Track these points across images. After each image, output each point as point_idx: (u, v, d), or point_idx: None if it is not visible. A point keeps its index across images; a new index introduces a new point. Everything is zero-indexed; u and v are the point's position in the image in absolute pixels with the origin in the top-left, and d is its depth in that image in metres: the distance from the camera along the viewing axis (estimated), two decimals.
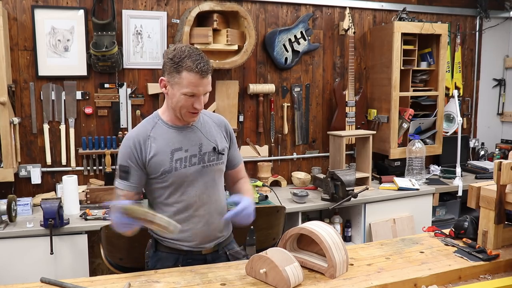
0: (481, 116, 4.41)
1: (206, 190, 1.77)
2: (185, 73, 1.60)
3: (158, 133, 1.73)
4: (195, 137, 1.76)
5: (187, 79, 1.60)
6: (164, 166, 1.70)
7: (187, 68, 1.59)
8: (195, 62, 1.60)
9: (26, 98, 2.98)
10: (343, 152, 3.35)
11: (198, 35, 3.02)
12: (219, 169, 1.82)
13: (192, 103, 1.65)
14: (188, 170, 1.72)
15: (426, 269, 1.60)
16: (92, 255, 2.81)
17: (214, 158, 1.78)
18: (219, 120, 1.89)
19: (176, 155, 1.71)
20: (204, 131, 1.79)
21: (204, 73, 1.61)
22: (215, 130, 1.84)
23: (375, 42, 3.75)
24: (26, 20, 2.92)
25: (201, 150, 1.76)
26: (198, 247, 1.80)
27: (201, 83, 1.62)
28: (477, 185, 1.84)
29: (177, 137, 1.73)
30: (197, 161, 1.74)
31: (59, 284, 1.49)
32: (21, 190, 3.00)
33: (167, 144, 1.71)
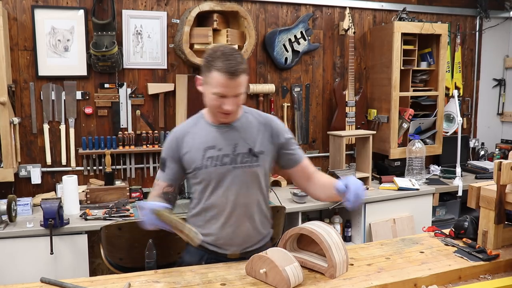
0: (481, 116, 4.41)
1: (235, 192, 1.71)
2: (215, 73, 1.59)
3: (197, 130, 1.75)
4: (231, 137, 1.72)
5: (216, 80, 1.59)
6: (195, 162, 1.71)
7: (216, 68, 1.58)
8: (225, 62, 1.57)
9: (26, 98, 2.98)
10: (343, 152, 3.35)
11: (198, 35, 3.02)
12: (253, 171, 1.72)
13: (221, 103, 1.62)
14: (218, 169, 1.69)
15: (426, 269, 1.60)
16: (92, 255, 2.81)
17: (248, 159, 1.71)
18: (265, 120, 1.80)
19: (209, 153, 1.70)
20: (242, 132, 1.73)
21: (233, 75, 1.57)
22: (258, 131, 1.75)
23: (375, 42, 3.75)
24: (26, 20, 2.92)
25: (235, 151, 1.71)
26: (223, 250, 1.76)
27: (230, 84, 1.59)
28: (477, 185, 1.84)
29: (213, 136, 1.73)
30: (229, 161, 1.70)
31: (59, 284, 1.49)
32: (21, 190, 3.00)
33: (202, 142, 1.72)
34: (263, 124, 1.78)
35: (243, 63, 1.62)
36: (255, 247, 1.78)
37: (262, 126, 1.78)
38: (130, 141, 3.11)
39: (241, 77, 1.60)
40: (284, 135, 1.81)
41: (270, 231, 1.89)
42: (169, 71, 3.25)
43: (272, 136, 1.78)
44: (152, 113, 3.24)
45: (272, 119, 1.83)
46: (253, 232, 1.78)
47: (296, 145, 1.85)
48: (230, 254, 1.77)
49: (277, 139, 1.78)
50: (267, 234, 1.86)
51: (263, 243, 1.83)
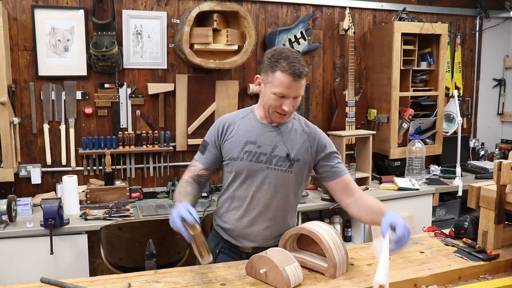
0: (481, 116, 4.41)
1: (262, 192, 1.74)
2: (279, 73, 1.62)
3: (244, 123, 1.79)
4: (273, 137, 1.75)
5: (279, 80, 1.62)
6: (233, 153, 1.75)
7: (281, 68, 1.62)
8: (290, 64, 1.61)
9: (26, 98, 2.98)
10: (343, 152, 3.35)
11: (198, 35, 3.02)
12: (285, 176, 1.74)
13: (280, 104, 1.65)
14: (252, 165, 1.73)
15: (426, 269, 1.60)
16: (92, 255, 2.81)
17: (282, 164, 1.73)
18: (311, 131, 1.81)
19: (248, 147, 1.74)
20: (285, 136, 1.76)
21: (297, 76, 1.61)
22: (301, 140, 1.77)
23: (375, 42, 3.75)
24: (26, 20, 2.92)
25: (273, 152, 1.74)
26: (236, 241, 1.80)
27: (293, 86, 1.62)
28: (477, 185, 1.84)
29: (256, 132, 1.76)
30: (264, 160, 1.73)
31: (59, 284, 1.49)
32: (21, 190, 3.00)
33: (245, 135, 1.76)
34: (307, 134, 1.80)
35: (306, 66, 1.67)
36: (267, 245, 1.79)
37: (306, 135, 1.79)
38: (130, 141, 3.11)
39: (304, 79, 1.65)
40: (327, 149, 1.81)
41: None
42: (169, 71, 3.25)
43: (313, 148, 1.79)
44: (152, 113, 3.24)
45: (317, 131, 1.84)
46: (268, 234, 1.79)
47: (338, 160, 1.83)
48: (243, 248, 1.81)
49: (318, 151, 1.79)
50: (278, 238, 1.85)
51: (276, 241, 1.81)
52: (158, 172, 3.26)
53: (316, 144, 1.79)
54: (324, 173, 1.81)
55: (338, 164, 1.81)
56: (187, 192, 1.73)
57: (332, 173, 1.80)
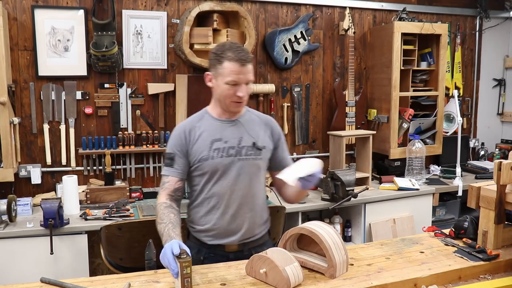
0: (481, 116, 4.41)
1: (239, 183, 1.79)
2: (226, 62, 1.70)
3: (204, 124, 1.84)
4: (236, 130, 1.83)
5: (228, 68, 1.70)
6: (202, 153, 1.78)
7: (228, 58, 1.70)
8: (234, 52, 1.70)
9: (26, 98, 2.98)
10: (343, 152, 3.35)
11: (198, 35, 3.02)
12: (256, 164, 1.82)
13: (235, 91, 1.73)
14: (224, 160, 1.78)
15: (426, 269, 1.60)
16: (92, 255, 2.81)
17: (252, 152, 1.81)
18: (266, 120, 1.93)
19: (215, 145, 1.79)
20: (247, 127, 1.85)
21: (244, 61, 1.70)
22: (259, 128, 1.88)
23: (375, 42, 3.75)
24: (26, 20, 2.92)
25: (240, 143, 1.81)
26: (221, 240, 1.81)
27: (242, 71, 1.71)
28: (477, 185, 1.84)
29: (219, 129, 1.82)
30: (234, 153, 1.79)
31: (59, 284, 1.49)
32: (21, 190, 3.00)
33: (209, 135, 1.81)
34: (263, 123, 1.91)
35: (250, 53, 1.76)
36: (252, 239, 1.86)
37: (263, 124, 1.90)
38: (130, 141, 3.11)
39: (250, 64, 1.74)
40: (281, 136, 1.96)
41: (267, 225, 1.95)
42: (169, 71, 3.25)
43: (272, 135, 1.90)
44: (152, 113, 3.24)
45: (271, 119, 1.97)
46: (252, 224, 1.84)
47: (286, 150, 1.97)
48: (228, 245, 1.82)
49: (275, 138, 1.92)
50: (264, 228, 1.92)
51: (260, 236, 1.89)
52: (158, 172, 3.26)
53: (273, 131, 1.92)
54: (275, 164, 1.92)
55: (287, 154, 1.97)
56: (172, 221, 1.66)
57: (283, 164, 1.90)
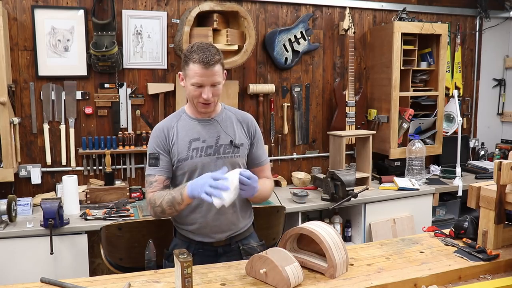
0: (481, 116, 4.41)
1: None
2: (191, 64, 1.73)
3: (181, 124, 1.86)
4: (213, 129, 1.85)
5: (193, 70, 1.72)
6: (181, 154, 1.81)
7: (192, 60, 1.72)
8: (199, 54, 1.71)
9: (26, 98, 2.98)
10: (343, 152, 3.35)
11: (198, 35, 3.02)
12: (234, 161, 1.84)
13: (200, 93, 1.74)
14: (203, 160, 1.81)
15: (426, 269, 1.60)
16: (92, 255, 2.81)
17: (229, 150, 1.84)
18: (243, 117, 1.94)
19: (194, 144, 1.82)
20: (223, 125, 1.87)
21: (207, 64, 1.70)
22: (236, 125, 1.90)
23: (375, 42, 3.75)
24: (26, 20, 2.92)
25: (218, 142, 1.83)
26: (209, 238, 1.83)
27: (205, 74, 1.71)
28: (477, 185, 1.84)
29: (197, 129, 1.84)
30: (212, 152, 1.82)
31: (59, 284, 1.49)
32: (21, 190, 3.00)
33: (186, 134, 1.83)
34: (240, 121, 1.93)
35: (218, 54, 1.75)
36: (238, 232, 1.89)
37: (240, 122, 1.93)
38: (130, 141, 3.11)
39: (215, 66, 1.73)
40: (258, 134, 1.97)
41: (251, 218, 1.99)
42: (169, 71, 3.25)
43: (248, 133, 1.93)
44: (152, 113, 3.24)
45: (248, 116, 1.98)
46: (236, 219, 1.87)
47: (263, 147, 1.99)
48: (216, 242, 1.84)
49: (252, 136, 1.94)
50: (249, 220, 1.96)
51: (246, 228, 1.93)
52: None
53: (248, 128, 1.93)
54: (250, 160, 1.95)
55: (263, 152, 1.98)
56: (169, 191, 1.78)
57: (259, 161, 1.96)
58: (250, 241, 1.94)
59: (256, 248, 1.92)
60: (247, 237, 1.94)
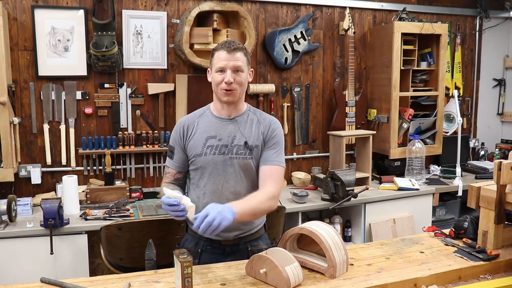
0: (481, 116, 4.41)
1: (230, 180, 1.83)
2: (216, 53, 1.81)
3: (202, 121, 1.89)
4: (231, 129, 1.85)
5: (217, 57, 1.80)
6: (197, 149, 1.84)
7: (217, 49, 1.81)
8: (224, 43, 1.81)
9: (26, 98, 2.98)
10: (343, 152, 3.35)
11: (198, 35, 3.02)
12: (246, 163, 1.83)
13: (222, 79, 1.78)
14: (216, 158, 1.82)
15: (426, 269, 1.60)
16: (92, 255, 2.81)
17: (242, 152, 1.83)
18: (264, 119, 1.91)
19: (209, 142, 1.84)
20: (242, 126, 1.86)
21: (229, 48, 1.77)
22: (255, 127, 1.88)
23: (375, 42, 3.75)
24: (26, 20, 2.92)
25: (233, 142, 1.84)
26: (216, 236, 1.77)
27: (228, 58, 1.77)
28: (477, 185, 1.84)
29: (215, 126, 1.86)
30: (226, 151, 1.83)
31: (59, 284, 1.49)
32: (21, 190, 3.00)
33: (205, 131, 1.86)
34: (262, 123, 1.91)
35: (242, 45, 1.82)
36: (248, 233, 1.88)
37: (261, 124, 1.90)
38: (130, 141, 3.11)
39: (238, 52, 1.79)
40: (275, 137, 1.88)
41: (263, 220, 1.97)
42: (169, 71, 3.25)
43: (264, 134, 1.88)
44: (152, 113, 3.24)
45: (271, 119, 1.94)
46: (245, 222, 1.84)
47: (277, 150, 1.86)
48: (224, 240, 1.84)
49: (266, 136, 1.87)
50: (260, 223, 1.94)
51: (256, 230, 1.91)
52: (158, 172, 3.26)
53: (265, 129, 1.88)
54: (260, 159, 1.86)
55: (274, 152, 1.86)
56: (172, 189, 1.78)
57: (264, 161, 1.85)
58: (260, 243, 1.92)
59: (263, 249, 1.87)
60: (257, 238, 1.92)
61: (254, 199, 1.73)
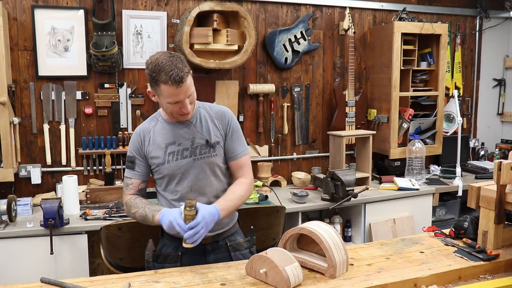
0: (481, 116, 4.41)
1: (198, 182, 1.83)
2: (162, 85, 1.67)
3: (157, 129, 1.87)
4: (188, 132, 1.84)
5: (165, 91, 1.68)
6: (158, 159, 1.83)
7: (162, 81, 1.65)
8: (168, 73, 1.64)
9: (26, 98, 2.98)
10: (343, 152, 3.35)
11: (198, 35, 3.02)
12: (211, 161, 1.84)
13: (179, 108, 1.73)
14: (180, 163, 1.81)
15: (426, 269, 1.60)
16: (92, 255, 2.81)
17: (206, 151, 1.83)
18: (216, 113, 1.90)
19: (170, 148, 1.83)
20: (198, 126, 1.85)
21: (179, 83, 1.65)
22: (211, 123, 1.87)
23: (375, 42, 3.75)
24: (26, 20, 2.92)
25: (193, 144, 1.83)
26: None
27: (180, 92, 1.68)
28: (477, 185, 1.84)
29: (172, 132, 1.84)
30: (189, 154, 1.82)
31: (59, 284, 1.49)
32: (21, 190, 3.00)
33: (162, 139, 1.84)
34: (215, 117, 1.89)
35: (185, 65, 1.68)
36: (224, 229, 1.90)
37: (215, 118, 1.89)
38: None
39: (187, 81, 1.68)
40: (234, 127, 1.90)
41: (235, 215, 1.99)
42: None
43: (223, 127, 1.89)
44: (152, 113, 3.23)
45: (223, 110, 1.92)
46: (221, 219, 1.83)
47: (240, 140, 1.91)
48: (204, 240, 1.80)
49: (226, 129, 1.89)
50: (233, 217, 1.96)
51: (232, 225, 1.94)
52: None
53: (221, 122, 1.89)
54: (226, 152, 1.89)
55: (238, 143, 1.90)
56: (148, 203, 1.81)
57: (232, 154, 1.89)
58: (237, 237, 1.95)
59: (243, 243, 1.95)
60: (234, 233, 1.96)
61: (234, 195, 1.82)
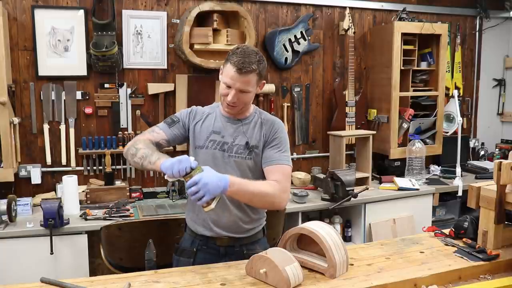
0: (481, 116, 4.41)
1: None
2: (228, 65, 1.72)
3: (212, 115, 1.89)
4: (236, 129, 1.85)
5: (227, 70, 1.72)
6: (200, 141, 1.85)
7: (230, 61, 1.71)
8: (240, 58, 1.69)
9: (26, 98, 2.98)
10: (343, 152, 3.35)
11: (198, 35, 3.02)
12: (245, 163, 1.82)
13: (227, 93, 1.74)
14: (215, 153, 1.82)
15: (426, 269, 1.60)
16: (92, 255, 2.81)
17: (242, 151, 1.82)
18: (268, 120, 1.88)
19: (212, 136, 1.84)
20: (245, 127, 1.85)
21: (240, 71, 1.68)
22: (258, 129, 1.86)
23: (375, 42, 3.75)
24: (26, 20, 2.92)
25: (234, 141, 1.83)
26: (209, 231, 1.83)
27: (237, 78, 1.70)
28: (477, 185, 1.83)
29: (221, 123, 1.86)
30: (226, 149, 1.82)
31: (59, 284, 1.49)
32: (21, 190, 3.00)
33: (211, 125, 1.86)
34: (263, 123, 1.88)
35: (257, 64, 1.71)
36: (243, 235, 1.85)
37: (264, 124, 1.87)
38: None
39: (249, 75, 1.70)
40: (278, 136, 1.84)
41: (261, 223, 1.93)
42: (169, 71, 3.25)
43: (266, 134, 1.85)
44: (152, 113, 3.24)
45: (273, 119, 1.91)
46: (240, 220, 1.84)
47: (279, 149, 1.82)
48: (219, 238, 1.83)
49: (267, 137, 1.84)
50: (257, 226, 1.91)
51: (252, 233, 1.88)
52: (158, 172, 3.25)
53: (267, 130, 1.85)
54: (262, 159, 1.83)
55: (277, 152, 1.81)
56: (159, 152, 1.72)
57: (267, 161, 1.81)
58: (256, 247, 1.87)
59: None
60: (254, 242, 1.89)
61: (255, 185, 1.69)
